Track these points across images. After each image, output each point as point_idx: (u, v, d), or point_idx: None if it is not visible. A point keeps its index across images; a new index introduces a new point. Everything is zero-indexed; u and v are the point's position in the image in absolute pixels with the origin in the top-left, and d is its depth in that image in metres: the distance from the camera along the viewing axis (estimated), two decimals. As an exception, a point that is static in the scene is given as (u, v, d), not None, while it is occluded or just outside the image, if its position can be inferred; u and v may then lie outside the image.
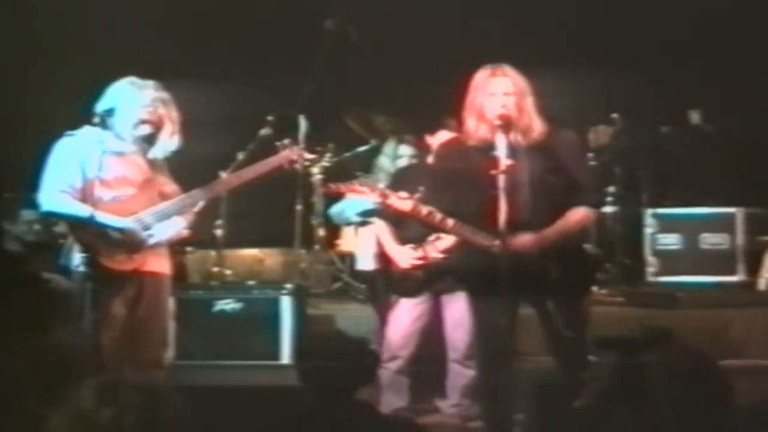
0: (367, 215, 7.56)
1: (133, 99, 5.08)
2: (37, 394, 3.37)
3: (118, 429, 2.51)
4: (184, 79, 7.42)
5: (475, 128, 4.85)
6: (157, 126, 5.13)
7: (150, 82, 5.14)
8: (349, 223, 7.95)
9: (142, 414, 2.53)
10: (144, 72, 5.21)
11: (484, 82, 4.87)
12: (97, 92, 5.14)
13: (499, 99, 4.81)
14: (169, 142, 5.16)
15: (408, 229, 5.58)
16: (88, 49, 7.93)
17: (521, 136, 4.81)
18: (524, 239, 4.75)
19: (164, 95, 5.15)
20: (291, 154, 5.38)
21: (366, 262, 7.03)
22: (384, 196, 5.02)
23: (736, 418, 3.27)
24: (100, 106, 5.09)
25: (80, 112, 5.17)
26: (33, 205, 5.52)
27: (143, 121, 5.09)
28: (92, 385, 2.61)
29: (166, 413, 2.57)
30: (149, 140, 5.15)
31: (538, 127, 4.87)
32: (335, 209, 7.93)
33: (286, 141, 5.45)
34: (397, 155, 6.85)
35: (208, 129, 8.31)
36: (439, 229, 5.04)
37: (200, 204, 5.27)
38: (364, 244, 7.25)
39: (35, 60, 8.42)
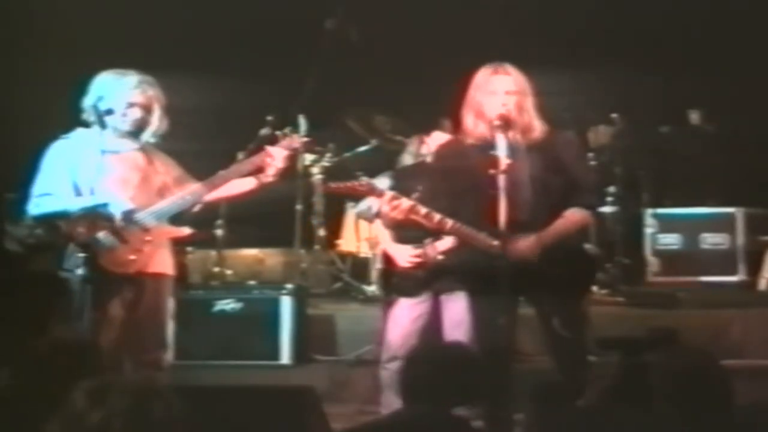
0: None
1: (119, 84, 5.05)
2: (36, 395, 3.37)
3: (107, 430, 2.51)
4: (185, 80, 7.45)
5: (473, 126, 4.85)
6: (147, 108, 5.10)
7: (132, 71, 5.13)
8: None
9: (136, 416, 2.53)
10: (143, 70, 5.20)
11: (485, 80, 4.86)
12: (82, 89, 5.12)
13: (500, 98, 4.81)
14: (159, 125, 5.14)
15: (408, 228, 5.57)
16: (89, 48, 7.91)
17: (521, 136, 4.81)
18: (523, 240, 4.75)
19: (149, 78, 5.14)
20: (291, 142, 5.34)
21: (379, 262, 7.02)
22: (381, 196, 5.03)
23: (738, 418, 3.27)
24: (88, 101, 5.08)
25: (71, 110, 5.15)
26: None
27: (133, 104, 5.06)
28: (85, 387, 2.61)
29: (161, 414, 2.56)
30: (141, 126, 5.12)
31: (537, 126, 4.88)
32: (362, 206, 7.89)
33: (286, 130, 5.41)
34: (420, 155, 6.82)
35: (208, 129, 8.33)
36: (438, 229, 5.04)
37: (200, 201, 5.25)
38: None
39: (37, 59, 8.42)
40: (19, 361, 3.67)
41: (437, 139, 5.72)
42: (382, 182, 5.56)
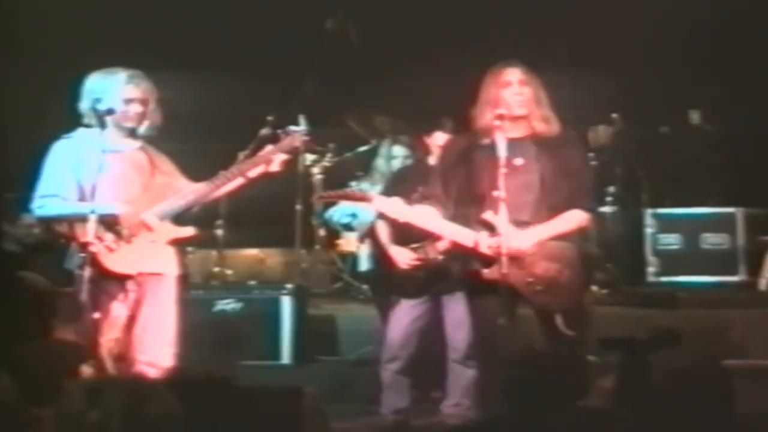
0: (351, 221, 7.63)
1: (112, 82, 5.05)
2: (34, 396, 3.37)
3: (107, 430, 2.51)
4: (185, 80, 7.44)
5: (491, 120, 4.82)
6: (144, 102, 5.09)
7: (119, 68, 5.11)
8: (338, 228, 7.97)
9: (132, 415, 2.53)
10: (143, 70, 5.20)
11: (498, 74, 4.89)
12: (75, 92, 5.12)
13: (515, 88, 4.84)
14: (153, 118, 5.12)
15: (407, 229, 5.57)
16: (89, 48, 7.92)
17: (540, 127, 4.83)
18: (518, 235, 4.75)
19: (138, 72, 5.11)
20: (293, 140, 5.32)
21: (365, 263, 7.05)
22: (370, 201, 5.07)
23: (740, 420, 3.27)
24: (85, 104, 5.07)
25: (70, 111, 5.15)
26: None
27: (131, 100, 5.04)
28: (80, 386, 2.61)
29: (157, 413, 2.56)
30: (141, 121, 5.11)
31: (555, 119, 4.89)
32: (327, 214, 7.97)
33: (288, 128, 5.39)
34: (392, 156, 6.85)
35: (208, 129, 8.32)
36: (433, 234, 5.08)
37: (203, 201, 5.23)
38: (363, 245, 7.26)
39: (37, 59, 8.42)
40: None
41: (439, 139, 5.72)
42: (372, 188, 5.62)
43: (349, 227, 7.84)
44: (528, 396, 3.38)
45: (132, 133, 5.11)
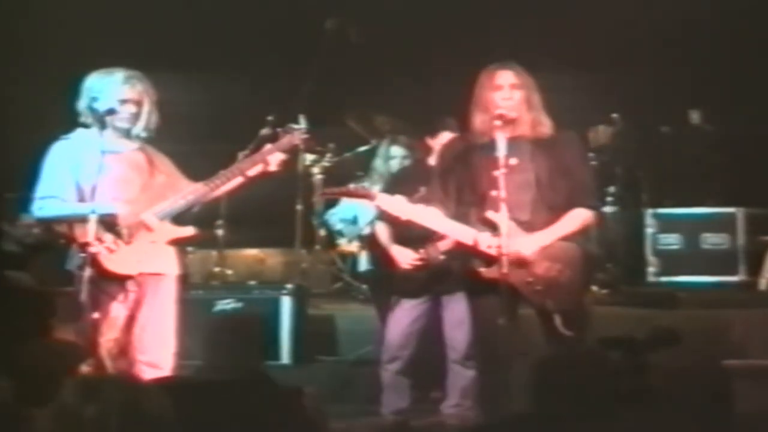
0: (343, 227, 7.64)
1: (109, 82, 5.05)
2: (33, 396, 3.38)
3: (102, 426, 2.51)
4: (185, 80, 7.44)
5: (482, 124, 4.84)
6: (139, 104, 5.09)
7: (118, 68, 5.12)
8: (336, 230, 7.98)
9: (126, 411, 2.53)
10: (144, 71, 5.20)
11: (490, 77, 4.88)
12: (74, 91, 5.12)
13: (506, 92, 4.82)
14: (148, 119, 5.12)
15: (409, 229, 5.57)
16: (89, 48, 7.92)
17: (530, 130, 4.82)
18: (522, 239, 4.75)
19: (137, 73, 5.12)
20: (292, 138, 5.32)
21: (365, 263, 7.06)
22: (373, 199, 5.07)
23: (740, 420, 3.26)
24: (82, 103, 5.07)
25: (70, 111, 5.15)
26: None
27: (126, 101, 5.04)
28: (78, 383, 2.62)
29: (151, 412, 2.56)
30: (133, 122, 5.09)
31: (546, 122, 4.88)
32: (326, 216, 7.98)
33: (288, 126, 5.38)
34: (390, 156, 6.85)
35: (208, 129, 8.32)
36: (435, 234, 5.08)
37: (203, 201, 5.23)
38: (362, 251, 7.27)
39: (37, 59, 8.42)
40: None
41: (445, 139, 5.72)
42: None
43: (341, 233, 7.85)
44: (528, 396, 3.38)
45: (128, 134, 5.11)
